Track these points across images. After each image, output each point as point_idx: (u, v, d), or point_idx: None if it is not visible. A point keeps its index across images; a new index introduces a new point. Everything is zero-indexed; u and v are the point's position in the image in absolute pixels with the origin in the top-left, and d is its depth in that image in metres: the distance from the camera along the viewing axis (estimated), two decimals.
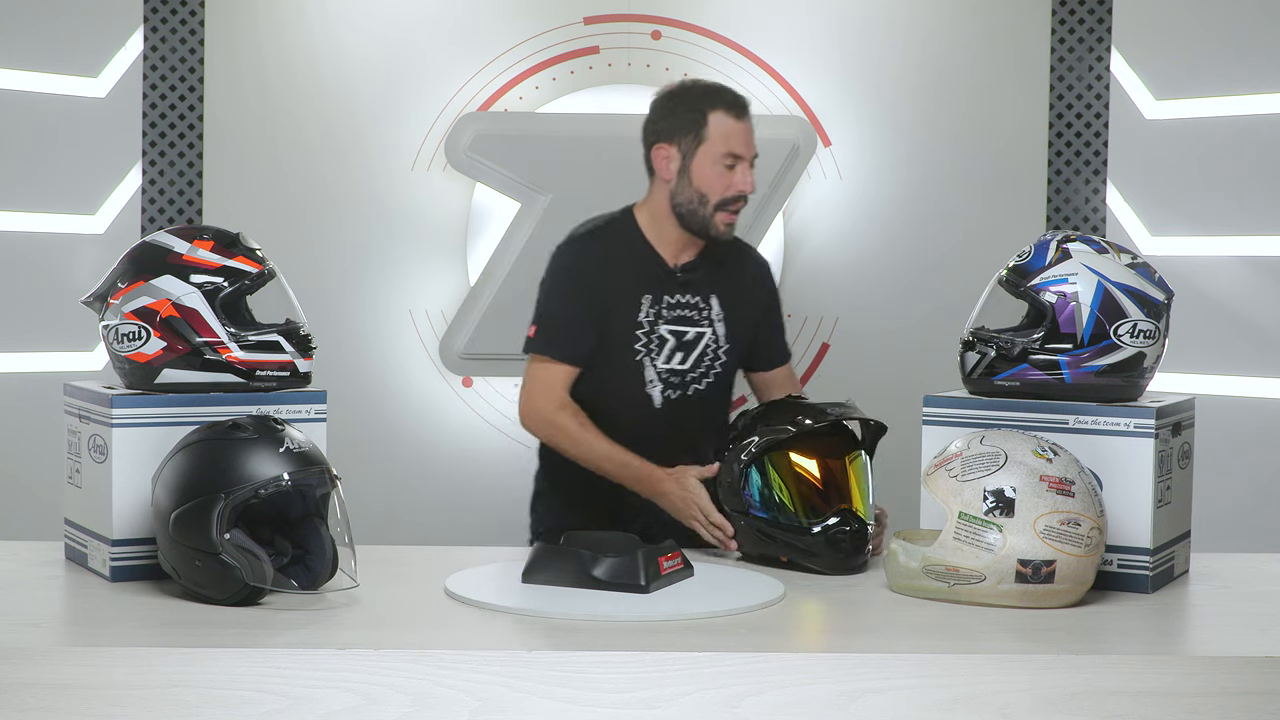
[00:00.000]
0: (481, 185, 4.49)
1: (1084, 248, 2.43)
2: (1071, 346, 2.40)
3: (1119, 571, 2.34)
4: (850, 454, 2.56)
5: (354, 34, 4.50)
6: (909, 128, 4.54)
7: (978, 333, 2.49)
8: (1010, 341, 2.43)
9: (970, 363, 2.49)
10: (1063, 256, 2.43)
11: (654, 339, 2.88)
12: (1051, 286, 2.41)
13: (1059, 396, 2.40)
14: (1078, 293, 2.40)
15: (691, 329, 2.89)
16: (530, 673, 1.91)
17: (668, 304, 2.88)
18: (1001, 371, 2.44)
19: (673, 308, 2.89)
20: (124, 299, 2.36)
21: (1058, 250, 2.44)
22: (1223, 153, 4.33)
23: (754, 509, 2.53)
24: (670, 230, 2.89)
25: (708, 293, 2.92)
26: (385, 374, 4.52)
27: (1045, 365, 2.41)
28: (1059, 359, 2.40)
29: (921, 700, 1.91)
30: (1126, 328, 2.40)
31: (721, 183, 2.84)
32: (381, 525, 4.14)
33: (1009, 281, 2.47)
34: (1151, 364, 2.43)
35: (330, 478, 2.21)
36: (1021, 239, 4.46)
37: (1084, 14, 4.48)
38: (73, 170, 4.39)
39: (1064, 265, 2.42)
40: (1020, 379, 2.43)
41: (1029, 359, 2.42)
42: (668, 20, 4.51)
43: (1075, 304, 2.40)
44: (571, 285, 2.89)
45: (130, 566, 2.30)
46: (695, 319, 2.90)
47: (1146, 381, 2.45)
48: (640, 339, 2.87)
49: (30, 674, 1.89)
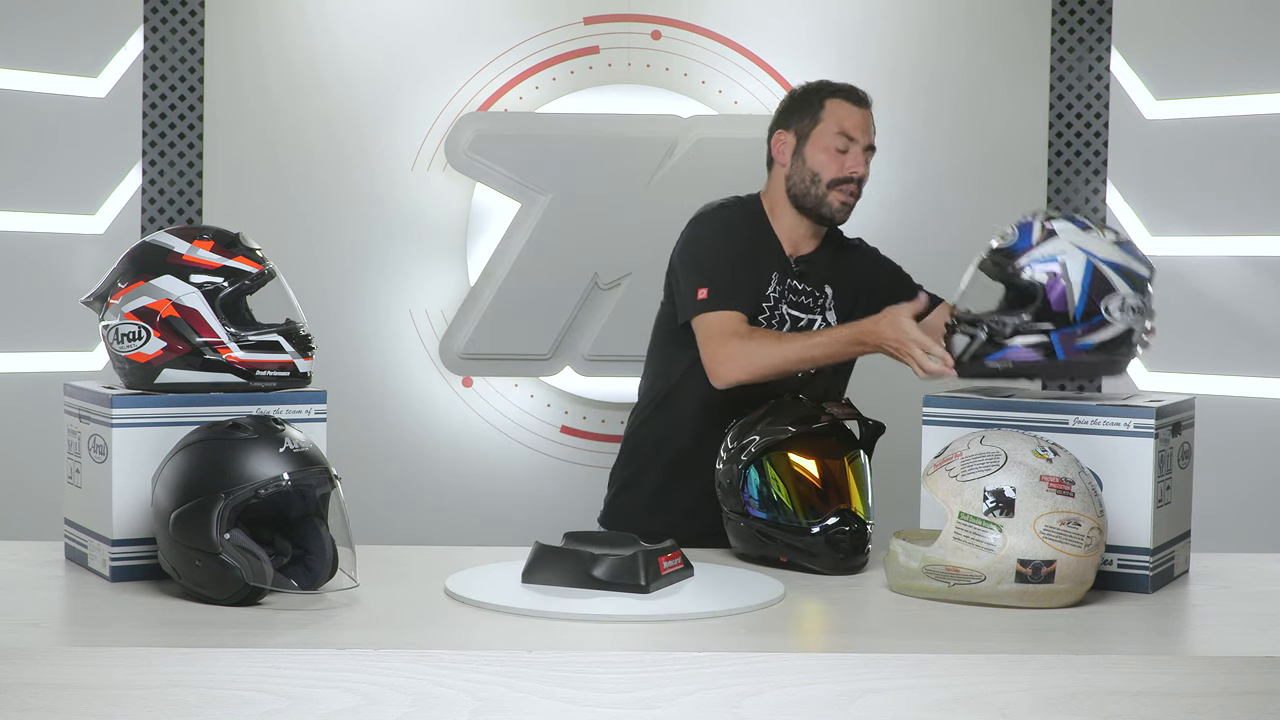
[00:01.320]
0: (481, 185, 4.49)
1: (1069, 225, 2.44)
2: (1063, 324, 2.40)
3: (1119, 571, 2.34)
4: (849, 454, 2.56)
5: (354, 34, 4.50)
6: (909, 127, 4.54)
7: (963, 316, 2.48)
8: (1000, 322, 2.43)
9: (959, 346, 2.49)
10: (1049, 235, 2.43)
11: (776, 316, 2.95)
12: (1040, 266, 2.41)
13: (1051, 375, 2.41)
14: (1067, 270, 2.40)
15: (807, 315, 2.97)
16: (530, 673, 1.91)
17: (790, 287, 2.97)
18: (991, 354, 2.44)
19: (794, 292, 2.97)
20: (124, 299, 2.36)
21: (1043, 230, 2.44)
22: (1223, 153, 4.33)
23: (753, 509, 2.53)
24: (788, 218, 3.00)
25: (822, 284, 3.01)
26: (385, 374, 4.52)
27: (1037, 345, 2.41)
28: (1051, 337, 2.40)
29: (921, 700, 1.91)
30: (1116, 303, 2.40)
31: (834, 163, 2.95)
32: (381, 525, 4.14)
33: (993, 264, 2.47)
34: (1138, 339, 2.44)
35: (330, 478, 2.21)
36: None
37: (1084, 14, 4.48)
38: (73, 170, 4.39)
39: (1051, 244, 2.42)
40: (1012, 359, 2.43)
41: (1019, 338, 2.41)
42: (668, 20, 4.51)
43: (1066, 282, 2.39)
44: (731, 242, 2.95)
45: (130, 566, 2.30)
46: (811, 306, 2.98)
47: (1132, 356, 2.45)
48: (765, 310, 2.94)
49: (30, 674, 1.89)
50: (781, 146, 3.01)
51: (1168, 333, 4.50)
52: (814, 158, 2.96)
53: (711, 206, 3.04)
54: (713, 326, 2.85)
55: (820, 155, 2.96)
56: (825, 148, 2.96)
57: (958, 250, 4.55)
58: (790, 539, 2.48)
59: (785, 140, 3.00)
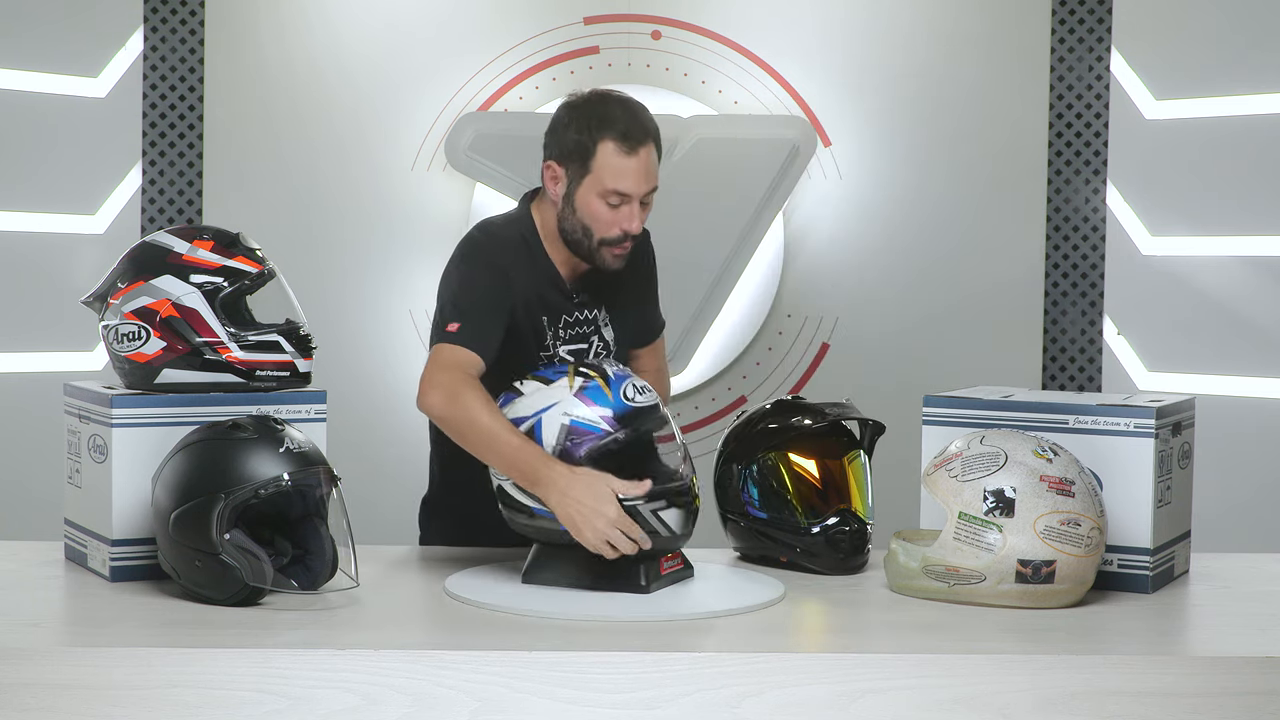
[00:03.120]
0: (481, 185, 4.49)
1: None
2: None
3: (1119, 571, 2.34)
4: (849, 454, 2.56)
5: (354, 34, 4.50)
6: (909, 127, 4.54)
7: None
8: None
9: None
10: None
11: (555, 360, 2.66)
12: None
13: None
14: None
15: (583, 343, 2.72)
16: (530, 673, 1.91)
17: (565, 323, 2.69)
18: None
19: (569, 326, 2.70)
20: (124, 299, 2.36)
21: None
22: (1223, 153, 4.33)
23: (753, 509, 2.53)
24: (563, 249, 2.67)
25: (596, 305, 2.74)
26: (385, 374, 4.52)
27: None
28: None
29: (921, 700, 1.91)
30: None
31: (607, 220, 2.58)
32: (381, 525, 4.13)
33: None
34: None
35: (330, 478, 2.21)
36: (1021, 238, 4.50)
37: (1084, 14, 4.48)
38: (73, 170, 4.39)
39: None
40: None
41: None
42: (668, 20, 4.51)
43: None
44: (499, 289, 2.61)
45: (130, 566, 2.30)
46: (586, 335, 2.72)
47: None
48: (542, 360, 2.65)
49: (30, 674, 1.89)
50: (552, 182, 2.62)
51: (1168, 333, 4.52)
52: (585, 211, 2.59)
53: (488, 232, 2.68)
54: (446, 357, 2.50)
55: (592, 210, 2.59)
56: (597, 204, 2.58)
57: (958, 249, 4.59)
58: (790, 539, 2.48)
59: (556, 175, 2.62)
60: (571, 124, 2.62)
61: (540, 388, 2.30)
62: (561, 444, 2.27)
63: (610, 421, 2.27)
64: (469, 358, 2.50)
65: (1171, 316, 4.37)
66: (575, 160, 2.59)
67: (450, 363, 2.48)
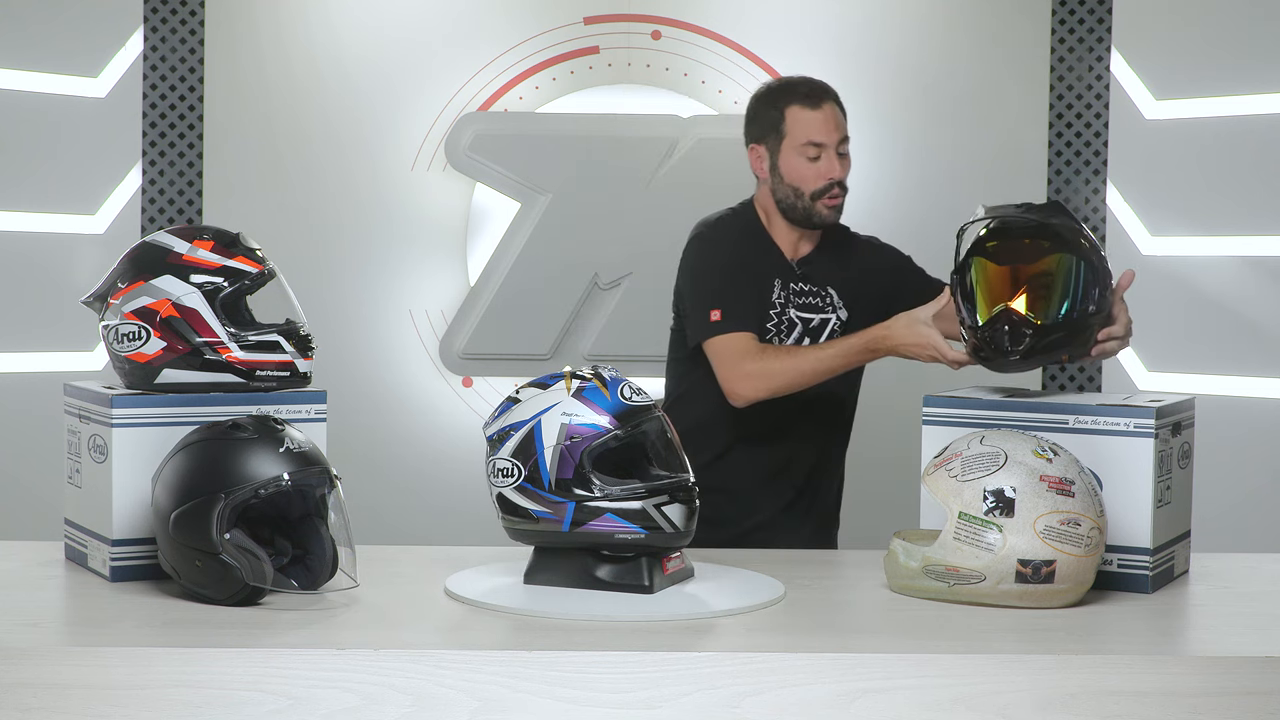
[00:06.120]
0: (481, 185, 4.49)
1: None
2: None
3: (1119, 571, 2.34)
4: (1049, 258, 2.49)
5: (354, 34, 4.50)
6: (909, 127, 4.55)
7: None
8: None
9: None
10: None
11: (784, 321, 2.95)
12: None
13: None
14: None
15: (817, 315, 2.97)
16: (530, 673, 1.91)
17: (794, 290, 2.97)
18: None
19: (800, 294, 2.98)
20: (124, 299, 2.36)
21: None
22: (1223, 153, 4.34)
23: (961, 314, 2.53)
24: (783, 225, 3.00)
25: (825, 283, 3.01)
26: (385, 374, 4.52)
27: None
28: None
29: (921, 700, 1.91)
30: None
31: (811, 173, 2.94)
32: (381, 525, 4.14)
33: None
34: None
35: (330, 478, 2.21)
36: None
37: (1084, 14, 4.48)
38: (73, 170, 4.40)
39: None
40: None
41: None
42: (668, 20, 4.51)
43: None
44: (733, 260, 2.96)
45: (130, 566, 2.30)
46: (820, 306, 2.98)
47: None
48: (772, 318, 2.94)
49: (30, 674, 1.89)
50: (758, 162, 3.02)
51: (1168, 333, 4.52)
52: (790, 172, 2.96)
53: (709, 223, 3.05)
54: (726, 349, 2.88)
55: (795, 169, 2.96)
56: (797, 161, 2.96)
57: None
58: (966, 334, 2.50)
59: (760, 154, 3.01)
60: (760, 105, 3.01)
61: (537, 393, 2.31)
62: (561, 443, 2.27)
63: (609, 420, 2.27)
64: (743, 338, 2.86)
65: (1171, 316, 4.37)
66: (770, 132, 2.97)
67: (733, 352, 2.85)
